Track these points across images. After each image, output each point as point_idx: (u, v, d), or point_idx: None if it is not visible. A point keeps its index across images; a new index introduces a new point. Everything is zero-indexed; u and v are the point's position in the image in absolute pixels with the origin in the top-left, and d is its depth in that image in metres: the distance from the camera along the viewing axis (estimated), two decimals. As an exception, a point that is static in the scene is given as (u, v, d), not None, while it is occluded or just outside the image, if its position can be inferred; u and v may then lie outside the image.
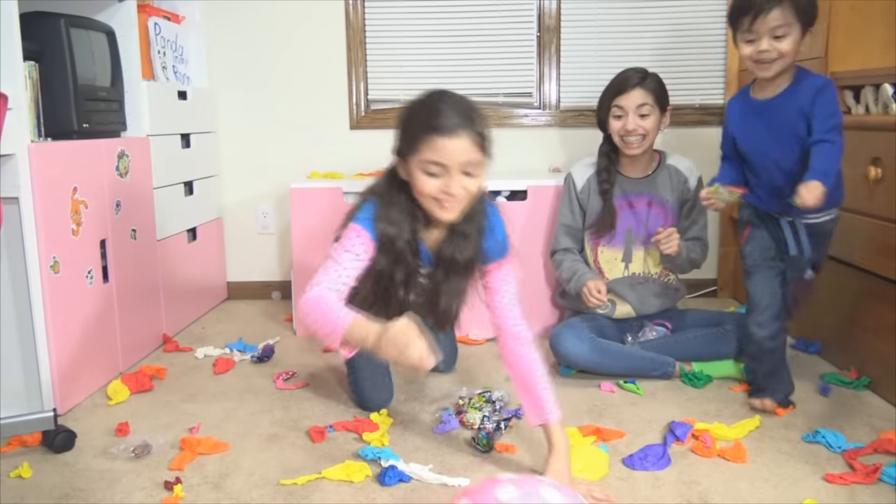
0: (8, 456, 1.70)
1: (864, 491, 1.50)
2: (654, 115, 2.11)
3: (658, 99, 2.12)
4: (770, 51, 1.68)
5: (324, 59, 3.00)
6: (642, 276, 2.21)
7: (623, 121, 2.11)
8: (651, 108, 2.10)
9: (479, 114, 1.49)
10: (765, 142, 1.79)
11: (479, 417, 1.81)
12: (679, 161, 2.23)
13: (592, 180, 2.24)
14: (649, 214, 2.20)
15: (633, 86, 2.10)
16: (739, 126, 1.85)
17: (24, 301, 1.86)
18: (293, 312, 2.63)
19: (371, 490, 1.53)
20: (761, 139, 1.80)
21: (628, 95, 2.10)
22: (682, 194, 2.21)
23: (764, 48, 1.68)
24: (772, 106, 1.76)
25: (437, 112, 1.46)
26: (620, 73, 2.17)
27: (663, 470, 1.60)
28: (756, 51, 1.70)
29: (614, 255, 2.21)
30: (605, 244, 2.22)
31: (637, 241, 2.20)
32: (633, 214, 2.20)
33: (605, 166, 2.20)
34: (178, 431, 1.81)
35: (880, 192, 1.92)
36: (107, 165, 2.14)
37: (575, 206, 2.26)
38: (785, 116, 1.74)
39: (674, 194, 2.20)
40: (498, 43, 2.97)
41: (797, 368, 2.19)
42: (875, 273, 1.95)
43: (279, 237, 3.11)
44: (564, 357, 2.10)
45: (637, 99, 2.10)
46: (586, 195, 2.25)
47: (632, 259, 2.21)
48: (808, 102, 1.70)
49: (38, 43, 1.93)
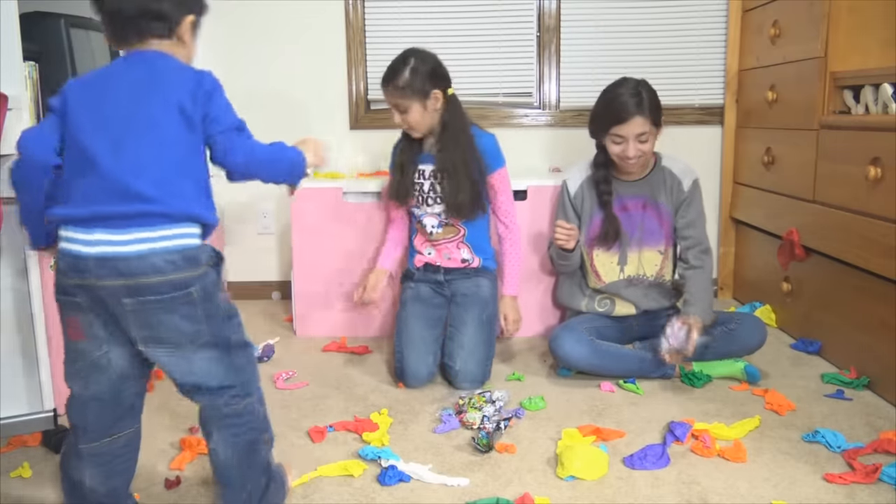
0: (8, 456, 1.70)
1: (864, 491, 1.50)
2: (653, 135, 2.10)
3: (655, 120, 2.08)
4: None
5: (324, 59, 3.00)
6: (637, 277, 2.21)
7: (622, 146, 2.09)
8: (650, 132, 2.08)
9: (399, 68, 2.10)
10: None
11: (479, 417, 1.81)
12: (674, 163, 2.21)
13: (585, 186, 2.24)
14: (644, 217, 2.19)
15: (632, 115, 2.04)
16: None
17: (24, 301, 1.86)
18: (293, 312, 2.63)
19: (371, 490, 1.53)
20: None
21: (628, 125, 2.06)
22: (676, 196, 2.20)
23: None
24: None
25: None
26: (615, 97, 2.08)
27: (663, 469, 1.60)
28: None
29: (610, 258, 2.21)
30: (600, 248, 2.22)
31: (632, 243, 2.20)
32: (627, 217, 2.19)
33: (603, 177, 2.19)
34: (178, 431, 1.81)
35: (880, 192, 1.92)
36: (107, 165, 2.14)
37: (570, 213, 2.26)
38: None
39: (669, 197, 2.19)
40: (498, 43, 2.97)
41: (797, 368, 2.20)
42: (875, 273, 1.95)
43: (279, 237, 3.11)
44: (564, 360, 2.10)
45: (636, 128, 2.05)
46: (580, 201, 2.24)
47: (627, 261, 2.20)
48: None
49: (38, 43, 1.93)
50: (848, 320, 2.14)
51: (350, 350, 2.43)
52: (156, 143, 1.18)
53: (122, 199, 1.13)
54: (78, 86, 1.26)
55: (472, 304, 2.19)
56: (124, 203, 1.13)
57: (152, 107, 1.20)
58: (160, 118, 1.20)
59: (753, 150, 2.75)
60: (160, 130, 1.19)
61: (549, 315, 2.56)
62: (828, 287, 2.24)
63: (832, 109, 2.23)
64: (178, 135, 1.21)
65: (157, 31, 1.28)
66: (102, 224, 1.14)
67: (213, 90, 1.25)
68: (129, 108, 1.20)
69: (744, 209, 2.87)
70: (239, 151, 1.26)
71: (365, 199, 2.56)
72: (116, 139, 1.17)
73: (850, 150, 2.06)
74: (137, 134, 1.18)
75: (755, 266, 2.83)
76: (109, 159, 1.16)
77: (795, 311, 2.47)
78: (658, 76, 2.95)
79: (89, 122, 1.19)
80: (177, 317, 1.18)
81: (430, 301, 2.26)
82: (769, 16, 2.61)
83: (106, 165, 1.15)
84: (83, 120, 1.19)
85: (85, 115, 1.20)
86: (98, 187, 1.15)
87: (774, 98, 2.56)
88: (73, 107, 1.21)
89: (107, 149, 1.16)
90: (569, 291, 2.31)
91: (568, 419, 1.86)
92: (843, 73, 2.19)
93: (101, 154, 1.16)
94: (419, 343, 2.14)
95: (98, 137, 1.17)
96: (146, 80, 1.23)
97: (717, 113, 2.99)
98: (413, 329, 2.18)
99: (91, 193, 1.15)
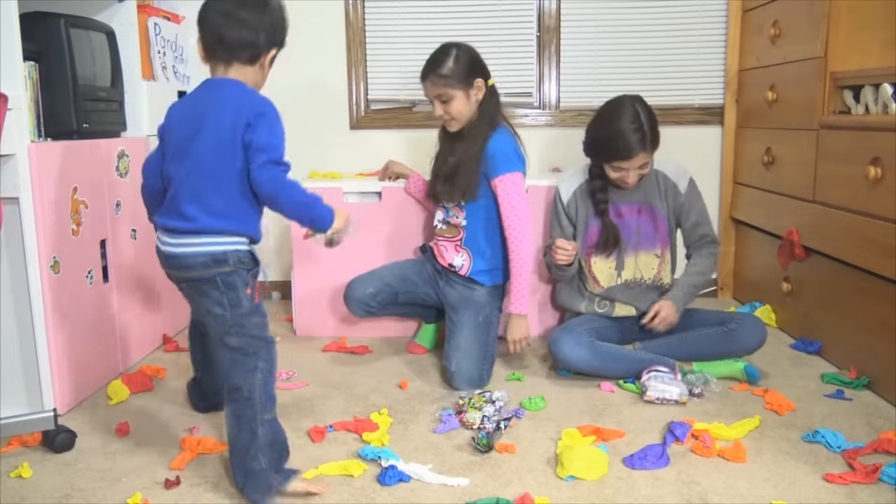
0: (8, 456, 1.70)
1: (864, 491, 1.50)
2: (652, 158, 2.12)
3: (656, 146, 2.09)
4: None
5: (324, 59, 3.00)
6: (634, 281, 2.21)
7: (622, 174, 2.10)
8: (651, 159, 2.11)
9: (443, 59, 2.11)
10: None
11: (479, 417, 1.81)
12: (666, 166, 2.21)
13: (579, 194, 2.23)
14: (639, 222, 2.19)
15: (636, 153, 2.04)
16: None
17: (24, 301, 1.86)
18: (293, 312, 2.63)
19: (371, 490, 1.53)
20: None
21: (630, 161, 2.06)
22: (674, 200, 2.20)
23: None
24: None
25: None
26: (617, 133, 2.04)
27: (663, 469, 1.60)
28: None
29: (607, 263, 2.21)
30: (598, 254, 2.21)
31: (628, 248, 2.19)
32: (623, 223, 2.18)
33: (599, 187, 2.18)
34: (178, 431, 1.81)
35: (880, 192, 1.92)
36: (107, 165, 2.14)
37: (563, 220, 2.26)
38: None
39: (664, 202, 2.19)
40: (498, 43, 2.97)
41: (797, 368, 2.20)
42: (875, 273, 1.95)
43: (279, 237, 3.11)
44: (564, 362, 2.10)
45: (639, 162, 2.07)
46: (573, 209, 2.24)
47: (624, 266, 2.20)
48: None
49: (38, 43, 1.93)
50: (848, 320, 2.14)
51: (350, 350, 2.43)
52: (201, 170, 1.52)
53: (179, 217, 1.54)
54: (172, 113, 1.61)
55: (467, 307, 2.19)
56: (179, 220, 1.53)
57: (201, 139, 1.51)
58: (206, 149, 1.51)
59: (753, 150, 2.75)
60: (206, 160, 1.51)
61: (549, 316, 2.56)
62: (828, 287, 2.24)
63: (832, 109, 2.23)
64: (220, 162, 1.50)
65: (243, 57, 1.55)
66: (168, 232, 1.56)
67: (257, 121, 1.49)
68: (189, 138, 1.52)
69: (744, 209, 2.87)
70: (265, 185, 1.50)
71: (365, 199, 2.56)
72: (180, 167, 1.54)
73: (850, 150, 2.06)
74: (190, 164, 1.52)
75: (755, 266, 2.83)
76: (176, 184, 1.55)
77: (795, 311, 2.47)
78: (658, 76, 2.98)
79: (171, 149, 1.57)
80: (207, 300, 1.55)
81: (421, 270, 2.32)
82: (769, 16, 2.61)
83: (174, 188, 1.55)
84: (169, 146, 1.58)
85: (170, 142, 1.57)
86: (170, 204, 1.56)
87: (774, 98, 2.56)
88: (167, 135, 1.59)
89: (175, 175, 1.55)
90: (568, 294, 2.31)
91: (568, 419, 1.86)
92: (843, 73, 2.19)
93: (174, 179, 1.55)
94: (376, 276, 2.30)
95: (173, 165, 1.55)
96: (207, 112, 1.52)
97: (717, 113, 2.99)
98: (385, 267, 2.36)
99: (167, 208, 1.57)
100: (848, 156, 2.07)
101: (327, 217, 1.59)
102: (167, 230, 1.55)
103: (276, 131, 1.51)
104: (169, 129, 1.58)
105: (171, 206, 1.55)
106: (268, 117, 1.50)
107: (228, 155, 1.49)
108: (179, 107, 1.61)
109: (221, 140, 1.49)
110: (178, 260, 1.54)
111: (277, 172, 1.49)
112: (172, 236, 1.54)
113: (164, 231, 1.57)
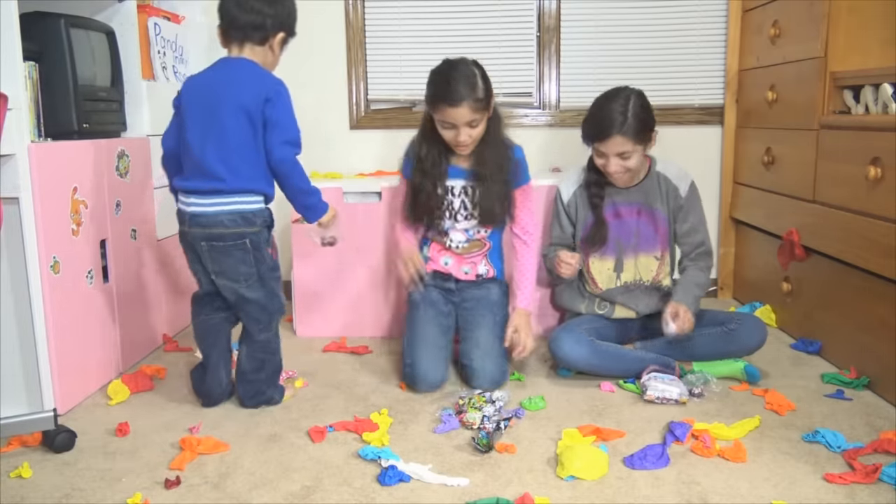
0: (8, 456, 1.70)
1: (864, 491, 1.50)
2: (637, 152, 2.07)
3: (639, 138, 2.04)
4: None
5: (324, 59, 3.00)
6: (634, 283, 2.21)
7: (603, 161, 2.09)
8: (632, 150, 2.05)
9: (476, 82, 1.99)
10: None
11: (479, 417, 1.81)
12: (668, 168, 2.20)
13: (579, 193, 2.23)
14: (639, 223, 2.18)
15: (610, 134, 2.02)
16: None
17: (24, 301, 1.86)
18: (293, 312, 2.63)
19: (371, 490, 1.53)
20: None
21: (607, 143, 2.04)
22: (674, 202, 2.19)
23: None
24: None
25: (448, 83, 1.98)
26: (599, 110, 2.06)
27: (663, 469, 1.60)
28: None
29: (606, 265, 2.21)
30: (596, 254, 2.21)
31: (627, 250, 2.19)
32: (622, 224, 2.18)
33: (594, 180, 2.18)
34: (178, 431, 1.81)
35: (880, 192, 1.92)
36: (107, 165, 2.14)
37: (564, 220, 2.26)
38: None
39: (665, 204, 2.19)
40: (498, 43, 2.97)
41: (797, 368, 2.20)
42: (875, 273, 1.95)
43: (279, 238, 3.10)
44: (563, 361, 2.10)
45: (616, 147, 2.04)
46: (574, 209, 2.24)
47: (623, 268, 2.20)
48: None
49: (38, 43, 1.93)
50: (848, 320, 2.14)
51: (350, 350, 2.43)
52: (226, 138, 1.74)
53: (205, 177, 1.75)
54: (188, 87, 1.83)
55: (484, 306, 2.17)
56: (206, 180, 1.74)
57: (223, 110, 1.74)
58: (228, 120, 1.74)
59: (753, 150, 2.75)
60: (230, 129, 1.74)
61: (549, 316, 2.56)
62: (828, 287, 2.24)
63: (832, 109, 2.23)
64: (242, 131, 1.75)
65: (254, 38, 1.82)
66: (195, 193, 1.76)
67: (273, 99, 1.74)
68: (209, 109, 1.75)
69: (744, 209, 2.87)
70: (280, 165, 1.79)
71: (365, 199, 2.56)
72: (202, 134, 1.75)
73: (850, 150, 2.06)
74: (215, 132, 1.74)
75: (755, 266, 2.83)
76: (199, 149, 1.75)
77: (795, 311, 2.47)
78: (658, 76, 2.98)
79: (189, 119, 1.78)
80: (232, 259, 1.79)
81: (440, 307, 2.19)
82: (769, 16, 2.61)
83: (197, 154, 1.76)
84: (186, 117, 1.79)
85: (188, 112, 1.79)
86: (194, 168, 1.77)
87: (774, 98, 2.56)
88: (184, 106, 1.81)
89: (197, 141, 1.76)
90: (568, 295, 2.31)
91: (568, 419, 1.86)
92: (843, 73, 2.19)
93: (195, 145, 1.76)
94: (433, 348, 2.08)
95: (194, 133, 1.77)
96: (225, 86, 1.75)
97: (717, 113, 2.99)
98: (427, 333, 2.11)
99: (190, 172, 1.79)
100: (848, 156, 2.07)
101: (319, 211, 1.87)
102: (193, 192, 1.76)
103: (291, 111, 1.79)
104: (187, 101, 1.80)
105: (196, 170, 1.76)
106: (283, 96, 1.76)
107: (248, 125, 1.74)
108: (196, 80, 1.83)
109: (244, 111, 1.73)
110: (207, 217, 1.76)
111: (293, 155, 1.79)
112: (201, 197, 1.76)
113: (188, 193, 1.78)
